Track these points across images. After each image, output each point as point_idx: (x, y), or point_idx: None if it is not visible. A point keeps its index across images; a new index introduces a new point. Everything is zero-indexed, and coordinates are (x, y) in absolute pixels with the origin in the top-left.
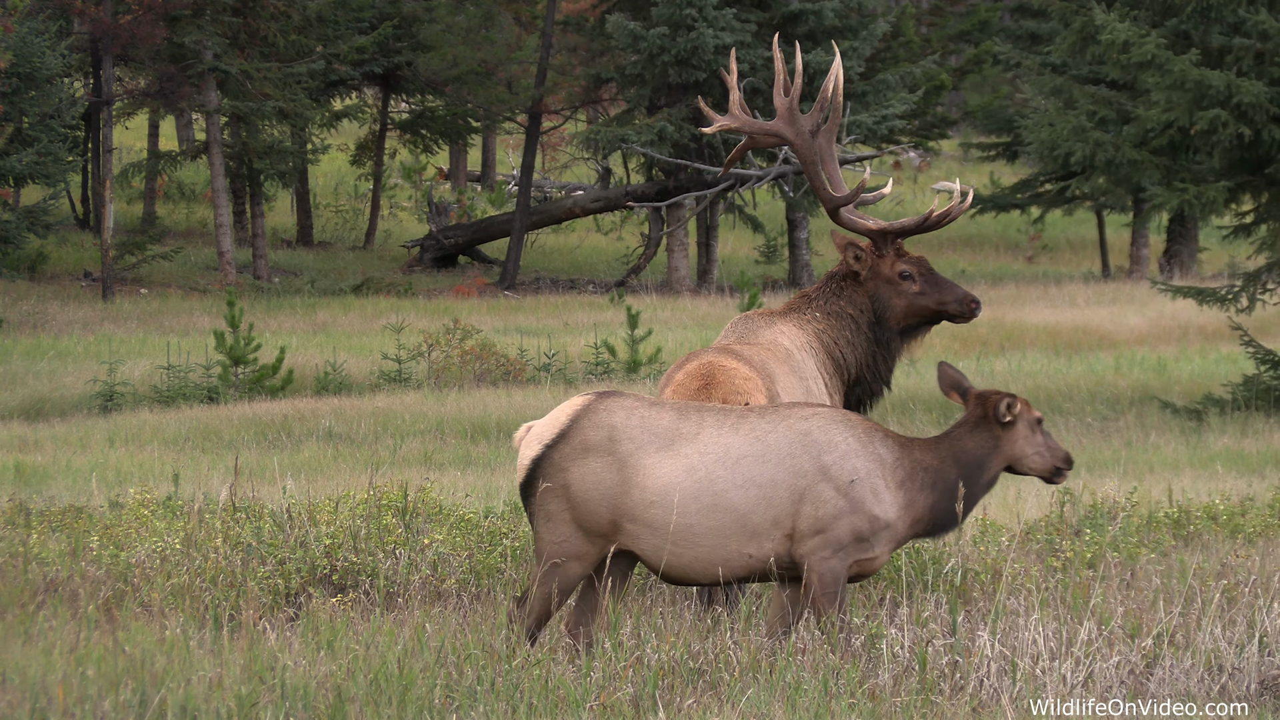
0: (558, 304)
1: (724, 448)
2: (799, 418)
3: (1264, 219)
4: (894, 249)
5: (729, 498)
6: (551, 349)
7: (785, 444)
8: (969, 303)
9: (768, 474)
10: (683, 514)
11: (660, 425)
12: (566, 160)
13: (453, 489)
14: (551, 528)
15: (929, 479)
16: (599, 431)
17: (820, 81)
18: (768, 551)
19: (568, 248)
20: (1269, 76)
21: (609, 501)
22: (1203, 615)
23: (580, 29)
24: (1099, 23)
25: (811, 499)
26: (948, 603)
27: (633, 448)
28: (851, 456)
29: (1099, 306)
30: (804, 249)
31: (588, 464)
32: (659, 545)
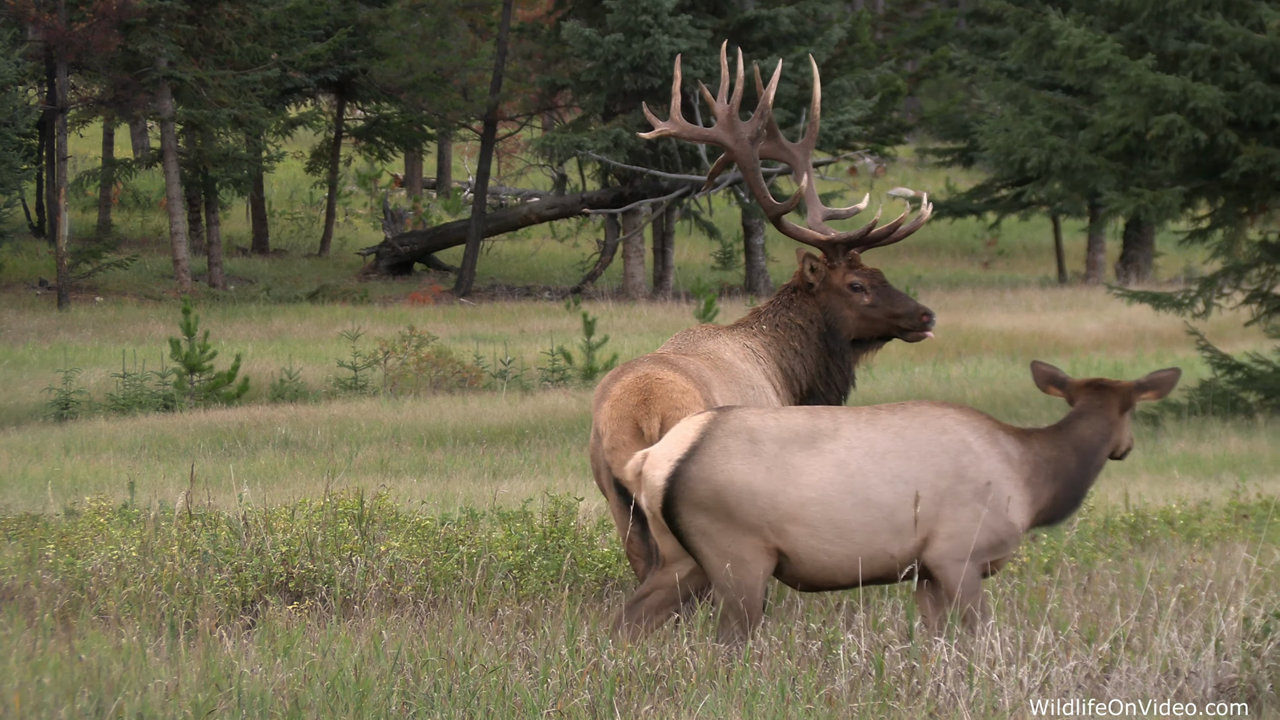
0: (514, 311)
1: (868, 442)
2: (931, 416)
3: (1220, 224)
4: (846, 260)
5: (879, 493)
6: (508, 356)
7: (924, 442)
8: (919, 315)
9: (912, 471)
10: (838, 510)
11: (797, 424)
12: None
13: (409, 496)
14: (710, 542)
15: (1051, 471)
16: (738, 437)
17: (781, 89)
18: (908, 552)
19: (523, 254)
20: (1224, 81)
21: (765, 503)
22: (1159, 619)
23: (535, 36)
24: (1055, 28)
25: (950, 501)
26: (905, 608)
27: (777, 448)
28: (985, 458)
29: (1055, 312)
30: (761, 255)
31: (734, 468)
32: (815, 545)
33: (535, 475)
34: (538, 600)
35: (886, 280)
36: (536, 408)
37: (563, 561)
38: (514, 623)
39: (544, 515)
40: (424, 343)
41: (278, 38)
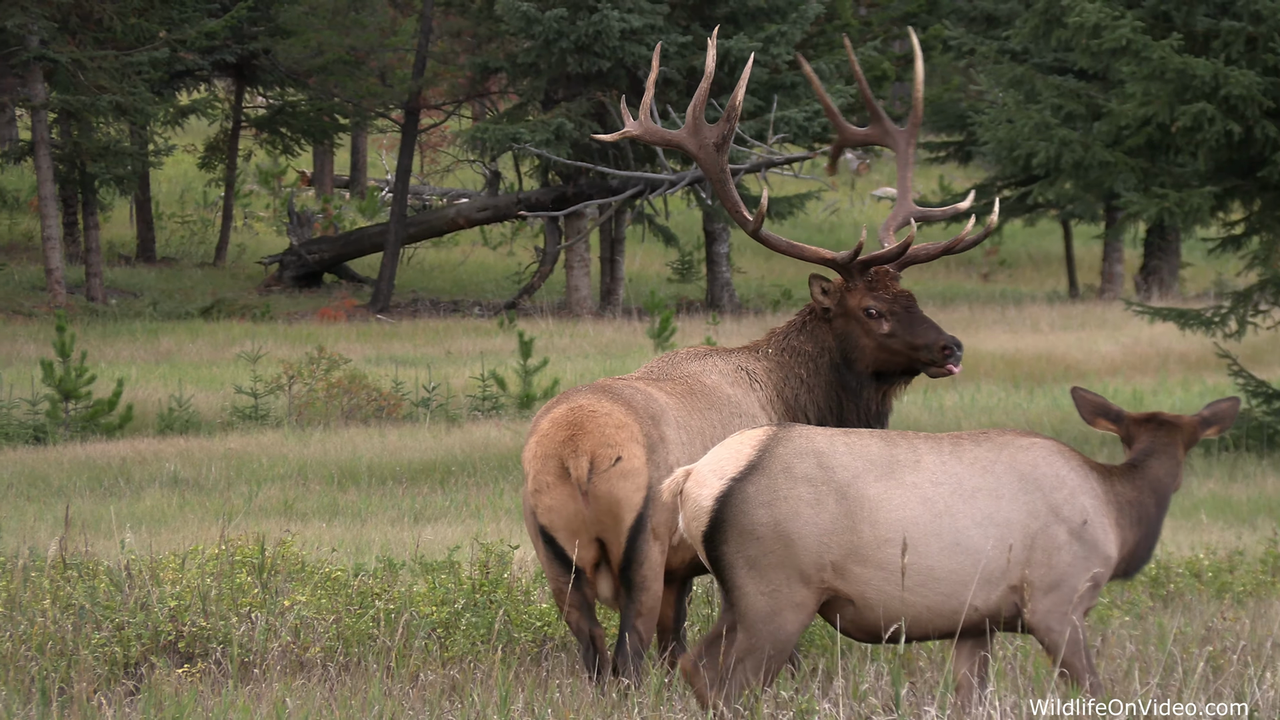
0: (438, 329)
1: (956, 478)
2: (1019, 448)
3: (1256, 230)
4: (866, 281)
5: (970, 536)
6: (431, 381)
7: (1014, 478)
8: (939, 348)
9: (1003, 512)
10: (924, 554)
11: (872, 451)
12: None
13: (317, 543)
14: (757, 577)
15: (1135, 514)
16: (805, 459)
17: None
18: (992, 605)
19: (450, 264)
20: (1262, 65)
21: (832, 539)
22: (1184, 687)
23: (465, 11)
24: (1066, 3)
25: (1044, 545)
26: (889, 673)
27: (849, 476)
28: (1080, 494)
29: (1065, 331)
30: (724, 266)
31: (799, 495)
32: (891, 592)
33: (463, 519)
34: (465, 663)
35: (914, 305)
36: (465, 441)
37: (494, 619)
38: (438, 689)
39: (473, 565)
40: (335, 366)
41: (166, 13)
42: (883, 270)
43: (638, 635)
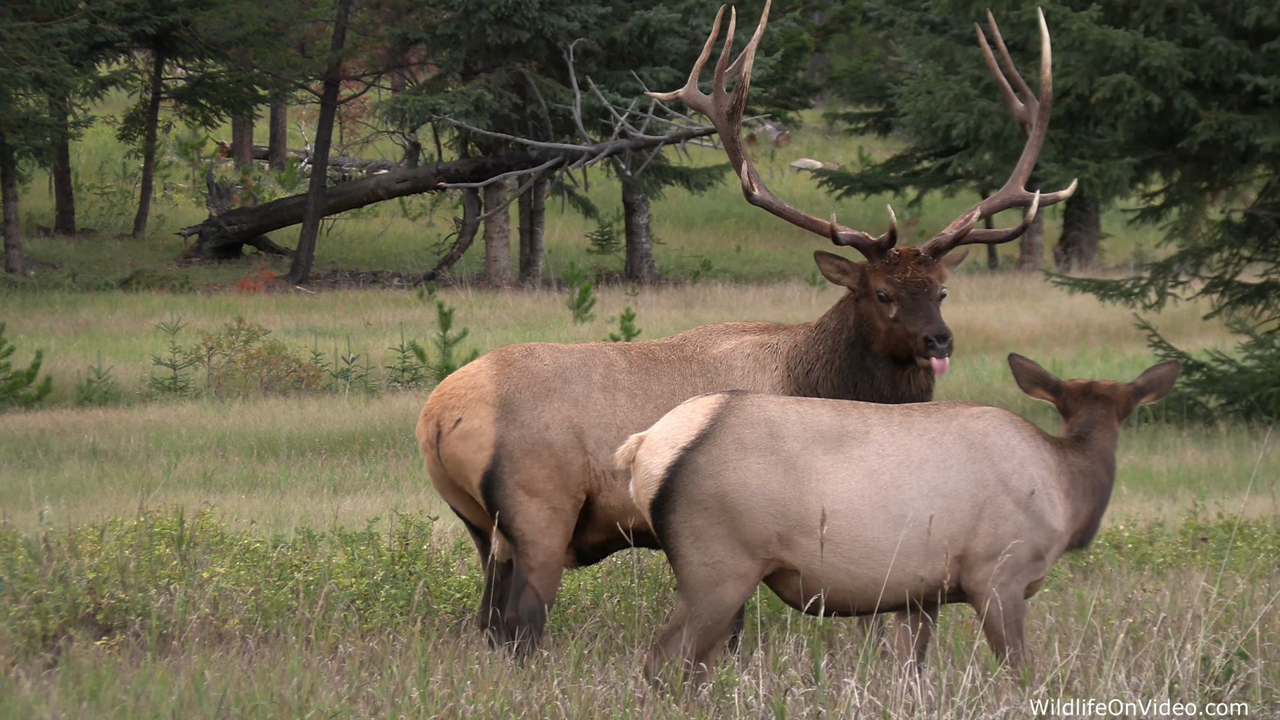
0: (358, 300)
1: (904, 450)
2: (969, 417)
3: (1175, 201)
4: (884, 261)
5: (916, 508)
6: (351, 352)
7: (962, 448)
8: (920, 339)
9: (951, 483)
10: (869, 527)
11: (822, 422)
12: (368, 134)
13: (236, 514)
14: (702, 547)
15: (1088, 485)
16: (755, 428)
17: (664, 43)
18: (938, 575)
19: (370, 235)
20: (1182, 36)
21: (778, 510)
22: (1104, 659)
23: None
24: None
25: (990, 514)
26: (809, 645)
27: (799, 447)
28: (1029, 464)
29: (985, 302)
30: (644, 236)
31: (748, 466)
32: (836, 564)
33: (382, 491)
34: (385, 635)
35: (921, 292)
36: (384, 413)
37: (414, 591)
38: (357, 661)
39: (392, 537)
40: (254, 337)
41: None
42: (907, 252)
43: (532, 592)
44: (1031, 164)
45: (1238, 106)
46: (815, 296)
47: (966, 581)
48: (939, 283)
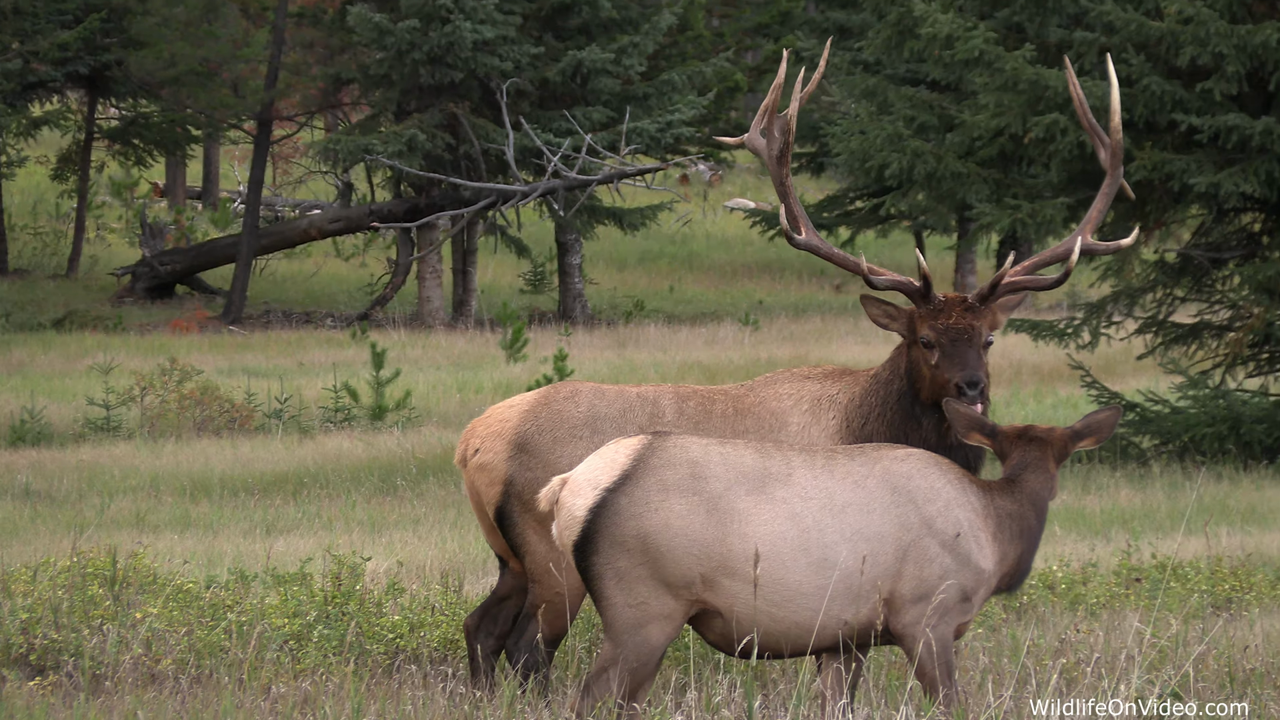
0: (291, 340)
1: (826, 493)
2: (893, 459)
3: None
4: (930, 307)
5: (838, 552)
6: (284, 393)
7: (886, 491)
8: (952, 385)
9: (874, 526)
10: (791, 570)
11: (745, 463)
12: (301, 174)
13: (169, 555)
14: (626, 588)
15: (1016, 528)
16: (678, 469)
17: (597, 83)
18: (863, 618)
19: (303, 275)
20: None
21: (701, 551)
22: (1038, 699)
23: (318, 22)
24: (918, 14)
25: (915, 557)
26: (743, 685)
27: (721, 487)
28: (954, 506)
29: None
30: (577, 276)
31: (670, 507)
32: (759, 607)
33: (315, 531)
34: (318, 676)
35: (962, 338)
36: (317, 453)
37: (346, 631)
38: (290, 702)
39: (325, 577)
40: (187, 377)
41: (19, 24)
42: (954, 299)
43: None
44: (1102, 212)
45: (1171, 146)
46: (749, 337)
47: (894, 624)
48: (986, 330)
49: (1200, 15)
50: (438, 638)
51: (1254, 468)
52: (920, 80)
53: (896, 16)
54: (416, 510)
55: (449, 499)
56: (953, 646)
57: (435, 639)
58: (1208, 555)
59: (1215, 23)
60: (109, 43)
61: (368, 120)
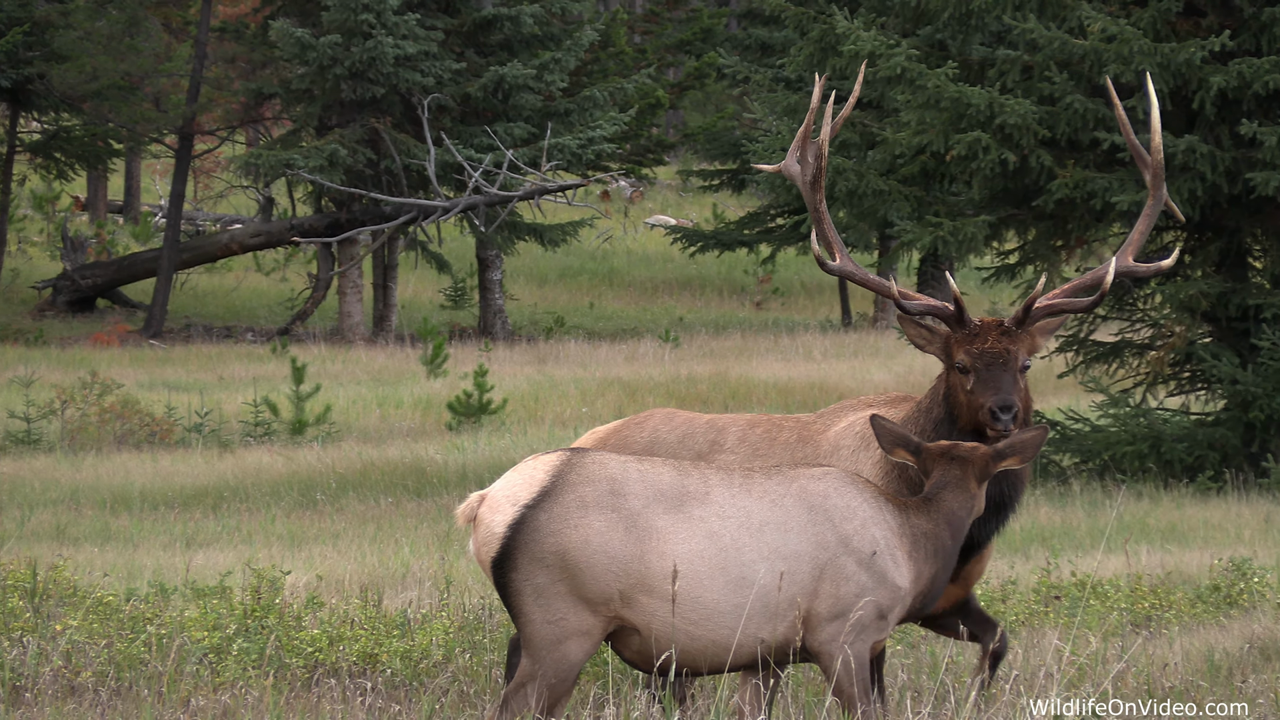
0: (212, 355)
1: (744, 512)
2: (810, 478)
3: (1030, 259)
4: (967, 329)
5: (755, 571)
6: (204, 407)
7: (803, 510)
8: (986, 410)
9: (791, 545)
10: (708, 588)
11: (663, 481)
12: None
13: (89, 567)
14: (544, 604)
15: (931, 547)
16: (596, 485)
17: (519, 99)
18: (779, 636)
19: (224, 290)
20: (1038, 93)
21: (619, 568)
22: (956, 716)
23: (240, 37)
24: (840, 31)
25: (832, 575)
26: (661, 702)
27: (640, 505)
28: (871, 525)
29: (838, 360)
30: (497, 292)
31: (589, 523)
32: (676, 625)
33: (235, 545)
34: (237, 689)
35: (996, 363)
36: (237, 467)
37: (266, 644)
38: (210, 715)
39: (245, 591)
40: (108, 391)
41: None
42: (990, 323)
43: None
44: (1144, 234)
45: (1094, 164)
46: (669, 354)
47: (810, 642)
48: (1023, 354)
49: (1124, 33)
50: (357, 651)
51: (1174, 486)
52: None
53: (819, 34)
54: (336, 525)
55: (368, 514)
56: (869, 664)
57: (354, 653)
58: (1127, 573)
59: (1139, 41)
60: (31, 56)
61: (289, 135)
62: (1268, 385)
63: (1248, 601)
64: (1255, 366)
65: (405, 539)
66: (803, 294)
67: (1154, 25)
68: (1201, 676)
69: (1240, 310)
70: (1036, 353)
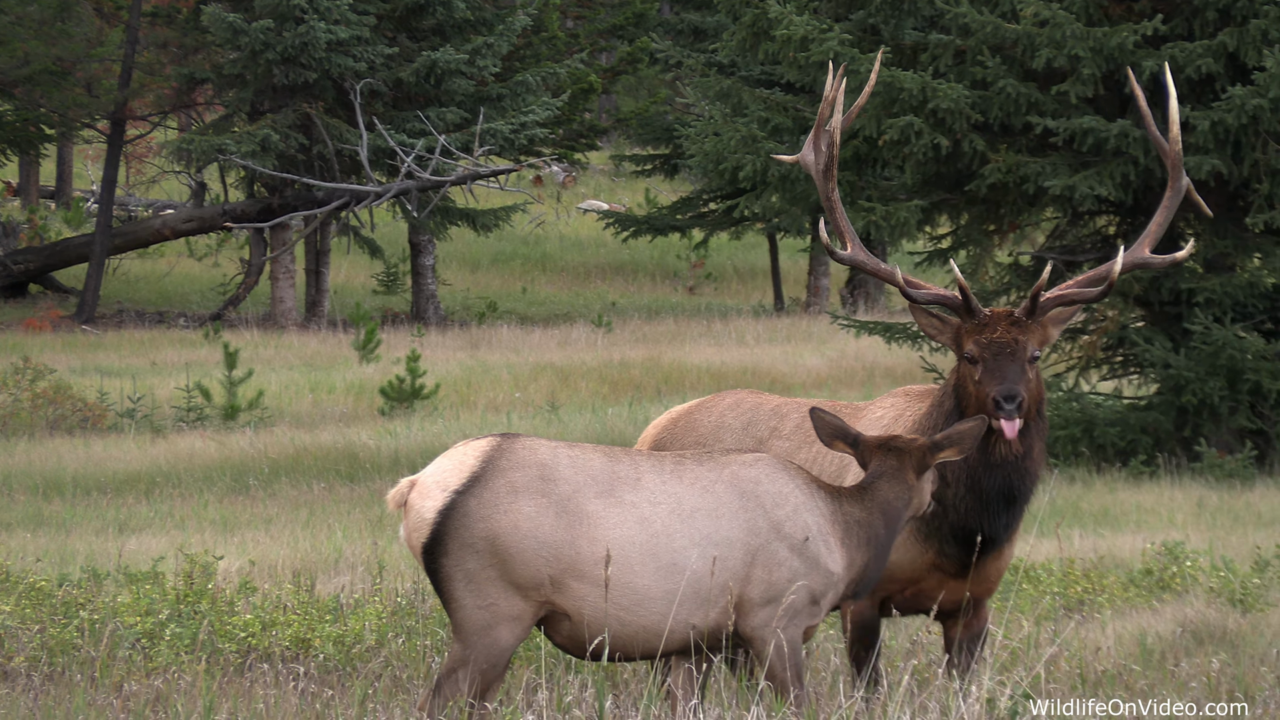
0: (144, 340)
1: (675, 498)
2: (741, 464)
3: (963, 243)
4: (976, 319)
5: (687, 557)
6: (136, 392)
7: (734, 496)
8: (990, 399)
9: (723, 531)
10: (639, 574)
11: (594, 466)
12: (155, 174)
13: (21, 553)
14: (475, 590)
15: (864, 535)
16: (526, 470)
17: (451, 84)
18: (710, 622)
19: (156, 275)
20: (970, 78)
21: (550, 553)
22: (889, 700)
23: (172, 22)
24: (773, 16)
25: (764, 561)
26: (594, 685)
27: (570, 490)
28: (803, 511)
29: (771, 345)
30: (429, 277)
31: (519, 509)
32: (608, 611)
33: (168, 530)
34: (170, 674)
35: (1004, 353)
36: (170, 452)
37: (199, 630)
38: (143, 700)
39: (178, 576)
40: (40, 376)
41: None
42: (1000, 313)
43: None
44: (1161, 226)
45: (1026, 149)
46: (601, 338)
47: (743, 627)
48: (1032, 345)
49: (1056, 18)
50: (290, 636)
51: (1107, 470)
52: (775, 82)
53: (751, 18)
54: (269, 510)
55: (301, 499)
56: (802, 648)
57: (287, 638)
58: (1060, 557)
59: (1071, 25)
60: None
61: (221, 120)
62: (1200, 369)
63: (1180, 585)
64: (1188, 350)
65: (338, 524)
66: (735, 279)
67: (1086, 9)
68: (1134, 660)
69: (1173, 294)
70: (1048, 344)
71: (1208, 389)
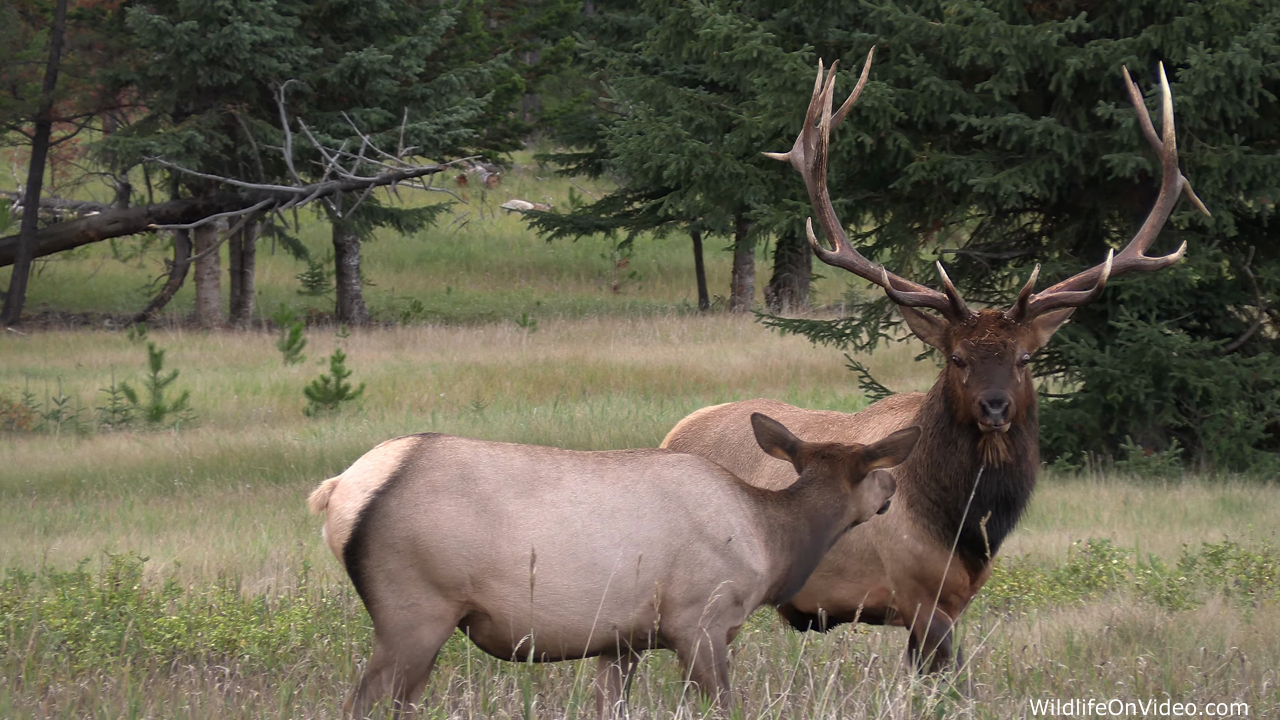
0: (69, 341)
1: (596, 498)
2: (664, 464)
3: (888, 242)
4: (965, 322)
5: (607, 557)
6: (62, 394)
7: (656, 497)
8: (977, 403)
9: (644, 532)
10: (558, 574)
11: (514, 465)
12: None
13: None
14: (396, 590)
15: (788, 539)
16: (446, 470)
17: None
18: (631, 622)
19: (81, 276)
20: (895, 76)
21: (471, 553)
22: (815, 699)
23: (97, 23)
24: (697, 15)
25: (685, 561)
26: (520, 686)
27: (490, 489)
28: (726, 511)
29: (696, 344)
30: (354, 278)
31: (439, 508)
32: (527, 609)
33: (93, 532)
34: (96, 676)
35: (991, 355)
36: (95, 453)
37: (124, 631)
38: (68, 701)
39: (103, 578)
40: None
41: None
42: (989, 315)
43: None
44: (1155, 227)
45: (951, 147)
46: (526, 338)
47: (667, 628)
48: (1021, 348)
49: (980, 15)
50: (215, 637)
51: None
52: (699, 81)
53: (675, 17)
54: (194, 511)
55: (226, 500)
56: (726, 648)
57: (213, 639)
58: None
59: (995, 23)
60: None
61: (146, 121)
62: (1125, 367)
63: (1106, 583)
64: (1113, 348)
65: (263, 525)
66: (660, 278)
67: (1010, 7)
68: (1061, 659)
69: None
70: (1038, 346)
71: (1133, 386)
